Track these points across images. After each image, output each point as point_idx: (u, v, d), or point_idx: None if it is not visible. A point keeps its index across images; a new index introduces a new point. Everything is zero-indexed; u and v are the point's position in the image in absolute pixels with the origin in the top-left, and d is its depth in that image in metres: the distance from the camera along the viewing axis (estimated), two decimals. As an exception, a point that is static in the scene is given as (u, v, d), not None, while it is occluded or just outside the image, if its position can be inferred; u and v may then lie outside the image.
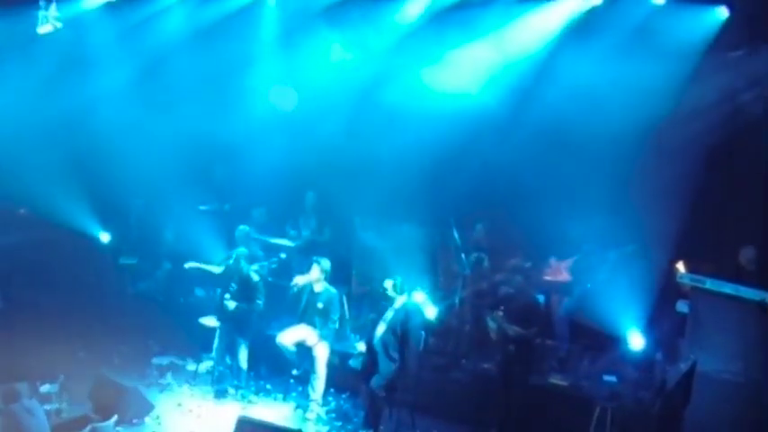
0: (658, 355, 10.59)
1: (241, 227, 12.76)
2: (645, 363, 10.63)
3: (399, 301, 10.42)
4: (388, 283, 10.45)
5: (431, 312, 10.64)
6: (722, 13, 10.90)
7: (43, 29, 12.10)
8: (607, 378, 10.41)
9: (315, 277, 11.18)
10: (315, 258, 11.36)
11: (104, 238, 13.63)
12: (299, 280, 11.27)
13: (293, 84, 13.83)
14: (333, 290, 11.30)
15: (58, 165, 13.12)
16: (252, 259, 11.83)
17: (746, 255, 10.46)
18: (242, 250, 11.60)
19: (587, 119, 11.56)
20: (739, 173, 10.98)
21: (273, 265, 12.61)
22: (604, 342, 11.10)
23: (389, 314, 10.37)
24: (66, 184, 13.08)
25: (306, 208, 13.55)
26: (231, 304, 11.27)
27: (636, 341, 10.36)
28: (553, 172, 11.92)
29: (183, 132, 13.31)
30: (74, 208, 13.25)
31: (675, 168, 11.08)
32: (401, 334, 10.22)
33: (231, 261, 11.45)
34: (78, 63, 13.48)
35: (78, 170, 13.30)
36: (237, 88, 13.76)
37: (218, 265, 11.90)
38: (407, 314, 10.33)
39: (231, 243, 12.31)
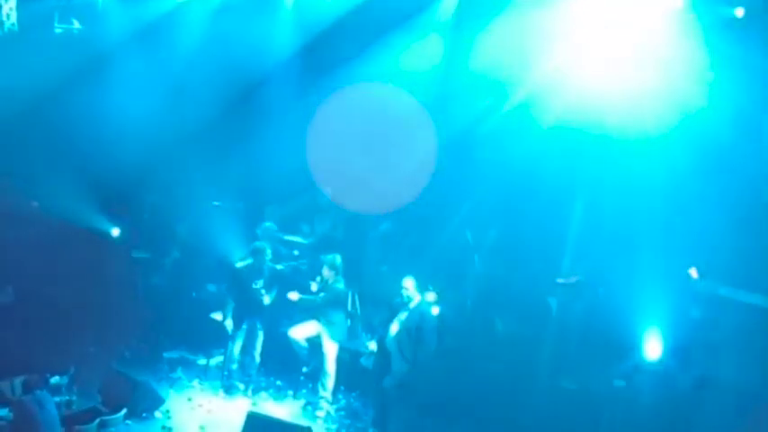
0: (670, 361, 10.56)
1: (266, 223, 12.83)
2: (656, 368, 10.59)
3: (415, 301, 10.41)
4: (408, 282, 10.39)
5: (434, 311, 10.64)
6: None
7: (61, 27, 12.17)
8: (617, 383, 10.37)
9: (328, 275, 11.18)
10: (322, 258, 11.37)
11: (115, 232, 13.64)
12: (314, 287, 11.28)
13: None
14: (344, 287, 11.28)
15: (71, 158, 13.11)
16: (275, 256, 11.82)
17: None
18: (260, 244, 11.57)
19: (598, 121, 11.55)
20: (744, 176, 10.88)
21: (303, 267, 12.59)
22: (616, 346, 11.07)
23: (404, 314, 10.35)
24: (79, 177, 13.07)
25: (321, 207, 13.54)
26: (267, 299, 11.29)
27: (649, 347, 10.32)
28: (567, 175, 11.87)
29: (200, 129, 13.31)
30: (86, 202, 13.26)
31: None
32: (415, 334, 10.22)
33: (253, 259, 11.38)
34: (94, 56, 13.47)
35: (92, 164, 13.28)
36: (254, 85, 13.71)
37: (241, 261, 11.80)
38: (422, 315, 10.31)
39: (245, 239, 12.29)
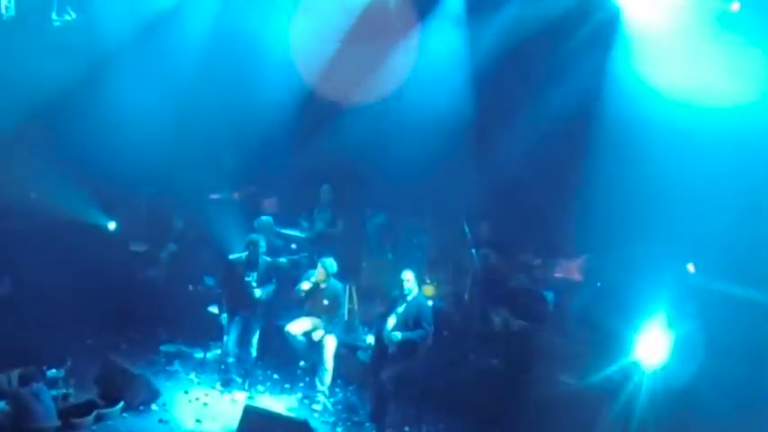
0: (668, 357, 10.54)
1: (264, 217, 12.79)
2: (654, 363, 10.57)
3: (412, 294, 10.40)
4: (408, 275, 10.41)
5: (429, 304, 10.66)
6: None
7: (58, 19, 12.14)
8: (615, 377, 10.35)
9: (321, 278, 11.15)
10: (320, 260, 11.28)
11: (111, 226, 13.62)
12: (306, 286, 11.18)
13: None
14: (338, 284, 11.26)
15: (69, 150, 13.07)
16: (270, 249, 11.76)
17: None
18: (254, 236, 11.46)
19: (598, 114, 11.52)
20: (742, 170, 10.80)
21: (305, 260, 12.55)
22: (614, 341, 11.05)
23: (401, 307, 10.36)
24: (77, 169, 13.03)
25: (321, 201, 13.47)
26: (258, 292, 11.15)
27: (647, 343, 10.29)
28: (567, 168, 11.85)
29: (194, 120, 13.28)
30: (84, 193, 13.23)
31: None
32: (413, 327, 10.21)
33: (247, 252, 11.26)
34: (91, 47, 13.40)
35: (89, 156, 13.23)
36: (255, 77, 13.67)
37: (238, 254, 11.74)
38: (419, 307, 10.32)
39: (242, 232, 12.23)
